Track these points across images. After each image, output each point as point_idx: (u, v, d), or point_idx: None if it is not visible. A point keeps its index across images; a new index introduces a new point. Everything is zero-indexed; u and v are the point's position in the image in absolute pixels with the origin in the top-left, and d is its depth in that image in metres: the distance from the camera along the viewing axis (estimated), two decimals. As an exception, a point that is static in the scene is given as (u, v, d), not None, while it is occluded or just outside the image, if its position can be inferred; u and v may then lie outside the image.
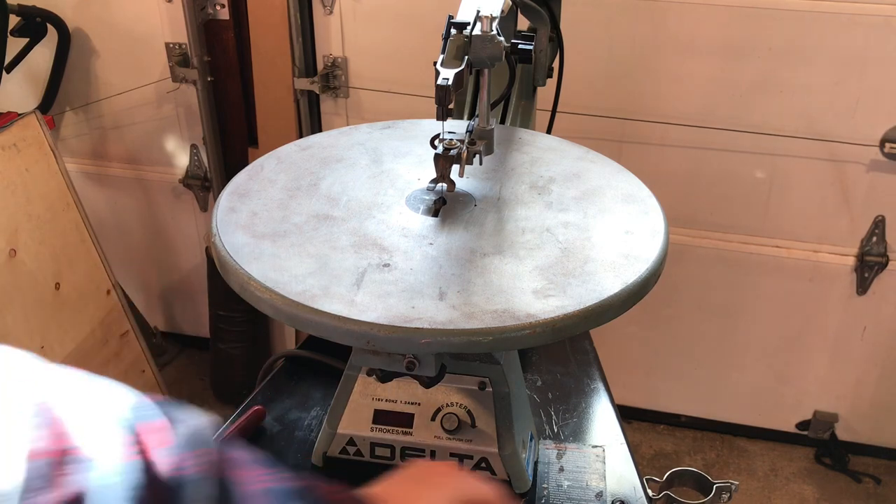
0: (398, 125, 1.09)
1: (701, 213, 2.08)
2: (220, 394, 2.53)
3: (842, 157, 1.92)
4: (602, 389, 1.10)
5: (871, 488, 2.23)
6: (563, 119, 1.37)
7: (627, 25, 1.91)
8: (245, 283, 0.75)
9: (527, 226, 0.84)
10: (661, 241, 0.82)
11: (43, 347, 1.84)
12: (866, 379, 2.20)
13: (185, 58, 2.18)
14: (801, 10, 1.79)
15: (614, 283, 0.75)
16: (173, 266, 2.58)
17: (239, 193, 0.90)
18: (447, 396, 0.88)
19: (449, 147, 0.83)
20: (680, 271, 2.14)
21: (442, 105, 0.75)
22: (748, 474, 2.28)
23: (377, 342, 0.69)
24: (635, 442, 2.36)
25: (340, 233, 0.82)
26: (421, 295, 0.72)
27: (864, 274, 2.04)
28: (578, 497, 0.89)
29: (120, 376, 2.09)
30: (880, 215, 1.97)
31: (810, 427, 2.30)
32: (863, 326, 2.12)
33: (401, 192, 0.90)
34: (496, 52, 0.81)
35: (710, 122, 1.95)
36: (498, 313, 0.70)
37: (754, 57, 1.87)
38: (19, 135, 1.92)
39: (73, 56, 2.26)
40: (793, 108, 1.90)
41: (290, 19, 2.05)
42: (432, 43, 0.99)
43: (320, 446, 0.91)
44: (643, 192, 0.92)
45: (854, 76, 1.83)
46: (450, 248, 0.80)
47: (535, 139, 1.06)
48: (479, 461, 0.87)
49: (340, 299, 0.71)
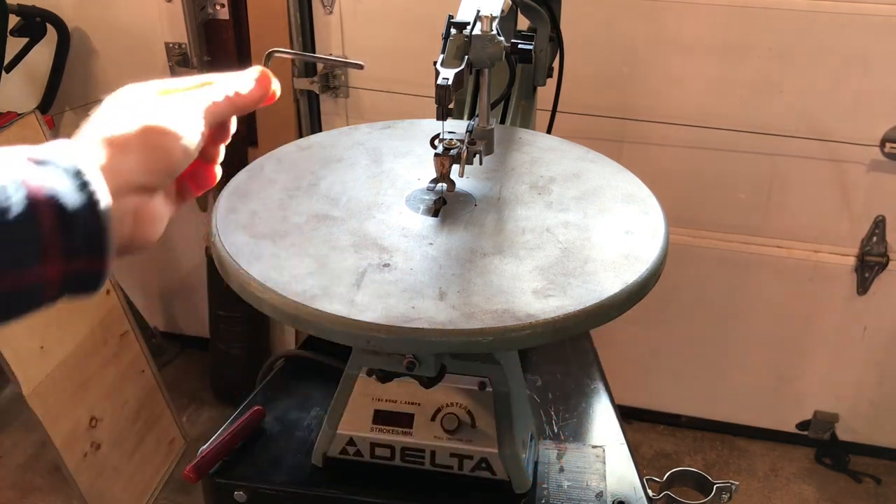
0: (398, 125, 1.09)
1: (701, 213, 2.08)
2: (220, 394, 2.53)
3: (842, 157, 1.92)
4: (602, 389, 1.10)
5: (872, 488, 2.23)
6: (563, 119, 1.37)
7: (627, 25, 1.91)
8: (245, 283, 0.75)
9: (527, 226, 0.84)
10: (662, 241, 0.82)
11: (43, 347, 1.84)
12: (866, 379, 2.20)
13: (185, 58, 2.18)
14: (801, 9, 1.79)
15: (614, 284, 0.75)
16: (173, 266, 2.58)
17: (239, 193, 0.90)
18: (447, 396, 0.88)
19: (449, 147, 0.83)
20: (680, 271, 2.13)
21: (442, 105, 0.75)
22: (748, 474, 2.28)
23: (377, 342, 0.69)
24: (635, 442, 2.36)
25: (340, 233, 0.82)
26: (421, 295, 0.72)
27: (864, 274, 2.03)
28: (578, 497, 0.89)
29: (119, 376, 2.09)
30: (880, 215, 1.97)
31: (810, 427, 2.30)
32: (863, 326, 2.12)
33: (401, 192, 0.90)
34: (496, 52, 0.81)
35: (710, 122, 1.95)
36: (498, 313, 0.70)
37: (754, 57, 1.87)
38: (19, 135, 1.91)
39: (73, 56, 2.26)
40: (793, 108, 1.90)
41: (290, 19, 2.04)
42: (432, 43, 0.99)
43: (320, 446, 0.91)
44: (643, 192, 0.92)
45: (854, 76, 1.83)
46: (450, 248, 0.80)
47: (536, 139, 1.06)
48: (479, 461, 0.87)
49: (340, 299, 0.71)
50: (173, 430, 2.29)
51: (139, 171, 0.53)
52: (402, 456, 0.89)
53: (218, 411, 2.48)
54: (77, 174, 0.49)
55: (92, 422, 1.98)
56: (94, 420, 1.98)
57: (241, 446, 0.95)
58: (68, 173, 0.48)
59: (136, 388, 2.15)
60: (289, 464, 0.93)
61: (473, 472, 0.88)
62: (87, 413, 1.97)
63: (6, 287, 0.47)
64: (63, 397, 1.89)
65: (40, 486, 2.22)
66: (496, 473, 0.88)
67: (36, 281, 0.48)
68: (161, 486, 2.19)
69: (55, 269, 0.49)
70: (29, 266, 0.47)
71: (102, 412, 2.01)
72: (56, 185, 0.47)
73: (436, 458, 0.88)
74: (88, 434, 1.96)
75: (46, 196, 0.47)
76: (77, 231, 0.48)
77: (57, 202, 0.47)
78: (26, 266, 0.47)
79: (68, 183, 0.48)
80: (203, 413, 2.49)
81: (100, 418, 2.00)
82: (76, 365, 1.94)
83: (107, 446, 2.02)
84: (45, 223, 0.47)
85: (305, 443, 0.96)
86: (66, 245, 0.48)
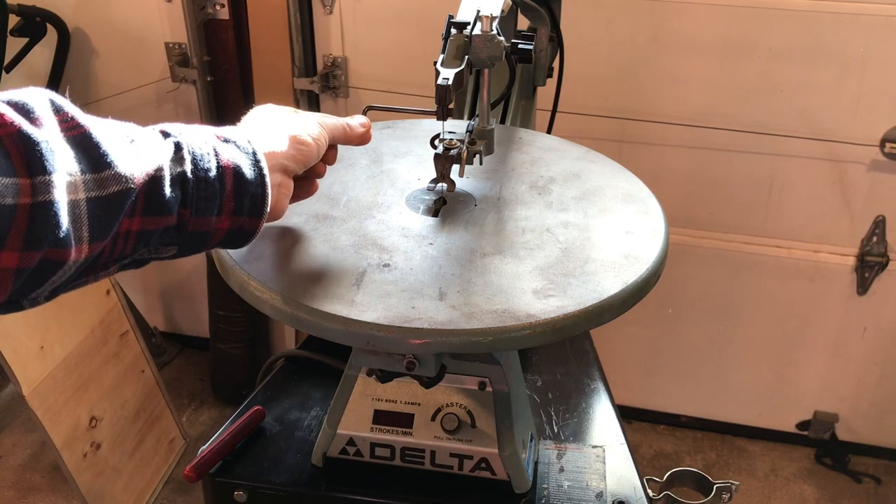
0: (398, 125, 1.09)
1: (701, 213, 2.08)
2: (220, 394, 2.53)
3: (842, 157, 1.92)
4: (602, 389, 1.09)
5: (872, 488, 2.23)
6: (563, 119, 1.37)
7: (627, 25, 1.91)
8: (245, 283, 0.75)
9: (527, 226, 0.84)
10: (662, 241, 0.82)
11: (43, 347, 1.84)
12: (866, 379, 2.20)
13: (185, 57, 2.18)
14: (801, 10, 1.79)
15: (614, 283, 0.75)
16: (173, 266, 2.58)
17: (239, 193, 0.90)
18: (447, 396, 0.88)
19: (449, 147, 0.83)
20: (680, 271, 2.14)
21: (442, 105, 0.75)
22: (748, 474, 2.28)
23: (377, 342, 0.69)
24: (635, 442, 2.36)
25: (340, 233, 0.82)
26: (421, 295, 0.72)
27: (864, 274, 2.04)
28: (579, 497, 0.89)
29: (119, 376, 2.10)
30: (880, 215, 1.97)
31: (810, 427, 2.30)
32: (863, 326, 2.12)
33: (401, 192, 0.90)
34: (496, 52, 0.81)
35: (710, 122, 1.95)
36: (498, 313, 0.70)
37: (754, 57, 1.87)
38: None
39: (73, 56, 2.26)
40: (793, 108, 1.90)
41: (290, 19, 2.05)
42: (432, 43, 0.99)
43: (320, 446, 0.91)
44: (643, 192, 0.92)
45: (854, 76, 1.83)
46: (450, 248, 0.80)
47: (535, 139, 1.06)
48: (479, 461, 0.87)
49: (340, 299, 0.71)
50: (173, 429, 2.29)
51: (286, 158, 0.71)
52: (402, 456, 0.89)
53: (218, 411, 2.48)
54: (253, 153, 0.66)
55: (92, 422, 1.98)
56: (94, 420, 1.98)
57: (241, 446, 0.95)
58: (246, 152, 0.65)
59: (136, 387, 2.15)
60: (289, 464, 0.93)
61: (473, 472, 0.88)
62: (87, 413, 1.97)
63: (195, 227, 0.63)
64: (63, 397, 1.89)
65: (40, 486, 2.22)
66: (496, 473, 0.88)
67: (211, 229, 0.64)
68: (161, 485, 2.19)
69: (226, 222, 0.65)
70: (210, 216, 0.63)
71: (102, 412, 2.01)
72: (238, 160, 0.64)
73: (436, 459, 0.88)
74: (88, 434, 1.96)
75: (232, 166, 0.64)
76: (247, 196, 0.65)
77: (239, 171, 0.64)
78: (210, 215, 0.63)
79: (246, 160, 0.65)
80: (203, 413, 2.49)
81: (100, 418, 2.00)
82: (76, 365, 1.94)
83: (107, 446, 2.02)
84: (227, 186, 0.63)
85: (305, 443, 0.96)
86: (238, 205, 0.65)
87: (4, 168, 0.49)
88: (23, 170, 0.50)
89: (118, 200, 0.56)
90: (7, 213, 0.49)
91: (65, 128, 0.54)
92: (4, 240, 0.49)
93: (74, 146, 0.54)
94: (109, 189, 0.55)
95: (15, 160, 0.50)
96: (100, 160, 0.55)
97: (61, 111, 0.55)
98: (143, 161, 0.58)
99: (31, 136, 0.51)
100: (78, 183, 0.53)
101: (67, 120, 0.55)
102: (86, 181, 0.54)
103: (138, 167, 0.57)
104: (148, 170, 0.58)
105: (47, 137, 0.52)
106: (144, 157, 0.58)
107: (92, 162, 0.55)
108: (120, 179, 0.56)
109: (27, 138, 0.51)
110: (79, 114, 0.56)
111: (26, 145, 0.50)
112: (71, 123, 0.55)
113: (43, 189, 0.50)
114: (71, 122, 0.55)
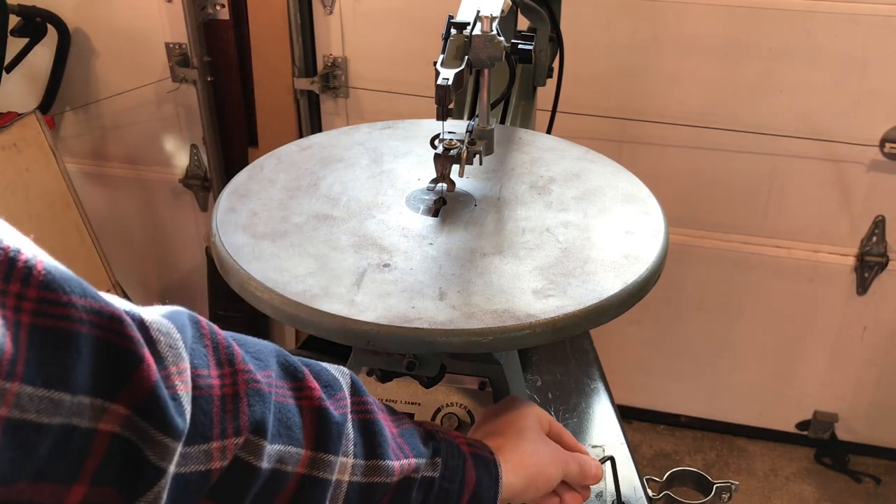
0: (398, 125, 1.09)
1: (701, 213, 2.08)
2: (220, 394, 2.52)
3: (842, 157, 1.92)
4: (602, 389, 1.10)
5: (871, 488, 2.23)
6: (563, 119, 1.37)
7: (627, 25, 1.91)
8: (245, 283, 0.75)
9: (527, 226, 0.84)
10: (661, 241, 0.82)
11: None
12: (866, 379, 2.20)
13: (185, 58, 2.18)
14: (801, 10, 1.79)
15: (614, 283, 0.75)
16: (173, 266, 2.58)
17: (239, 193, 0.90)
18: (447, 396, 0.88)
19: (449, 147, 0.83)
20: (680, 271, 2.14)
21: (442, 105, 0.75)
22: (748, 474, 2.28)
23: (377, 342, 0.69)
24: (635, 442, 2.36)
25: (340, 233, 0.82)
26: (421, 295, 0.72)
27: (864, 274, 2.04)
28: (578, 497, 0.89)
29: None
30: (880, 215, 1.97)
31: (810, 427, 2.30)
32: (863, 326, 2.12)
33: (401, 192, 0.90)
34: (496, 52, 0.81)
35: (710, 122, 1.95)
36: (498, 313, 0.70)
37: (754, 57, 1.87)
38: (19, 135, 1.92)
39: (73, 56, 2.26)
40: (793, 108, 1.90)
41: (290, 19, 2.05)
42: (432, 43, 0.99)
43: (320, 446, 0.91)
44: (643, 192, 0.92)
45: (854, 76, 1.83)
46: (450, 248, 0.80)
47: (535, 139, 1.06)
48: (479, 461, 0.87)
49: (340, 299, 0.71)
50: (173, 430, 2.29)
51: (518, 494, 0.69)
52: (402, 456, 0.89)
53: (218, 411, 2.48)
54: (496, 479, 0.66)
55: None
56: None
57: (241, 446, 0.95)
58: (490, 474, 0.66)
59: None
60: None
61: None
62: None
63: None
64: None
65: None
66: (496, 473, 0.87)
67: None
68: (161, 485, 2.19)
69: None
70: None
71: (102, 412, 2.01)
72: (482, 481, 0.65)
73: (436, 458, 0.88)
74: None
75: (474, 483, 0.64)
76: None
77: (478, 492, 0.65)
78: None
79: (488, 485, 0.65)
80: (203, 413, 2.49)
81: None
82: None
83: (107, 446, 2.01)
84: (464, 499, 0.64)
85: (305, 443, 0.96)
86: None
87: (296, 438, 0.53)
88: (310, 443, 0.54)
89: (376, 490, 0.58)
90: (283, 479, 0.53)
91: (356, 410, 0.59)
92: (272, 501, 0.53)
93: (358, 429, 0.58)
94: (372, 478, 0.58)
95: (307, 432, 0.54)
96: (375, 449, 0.58)
97: (359, 393, 0.60)
98: (404, 458, 0.60)
99: (331, 417, 0.55)
100: (348, 465, 0.56)
101: (361, 403, 0.59)
102: (355, 465, 0.57)
103: (399, 463, 0.60)
104: (406, 469, 0.60)
105: (343, 421, 0.56)
106: (407, 453, 0.61)
107: (368, 448, 0.58)
108: (384, 471, 0.58)
109: (326, 416, 0.55)
110: (372, 400, 0.60)
111: (322, 422, 0.55)
112: (364, 408, 0.59)
113: (320, 465, 0.54)
114: (364, 406, 0.59)
